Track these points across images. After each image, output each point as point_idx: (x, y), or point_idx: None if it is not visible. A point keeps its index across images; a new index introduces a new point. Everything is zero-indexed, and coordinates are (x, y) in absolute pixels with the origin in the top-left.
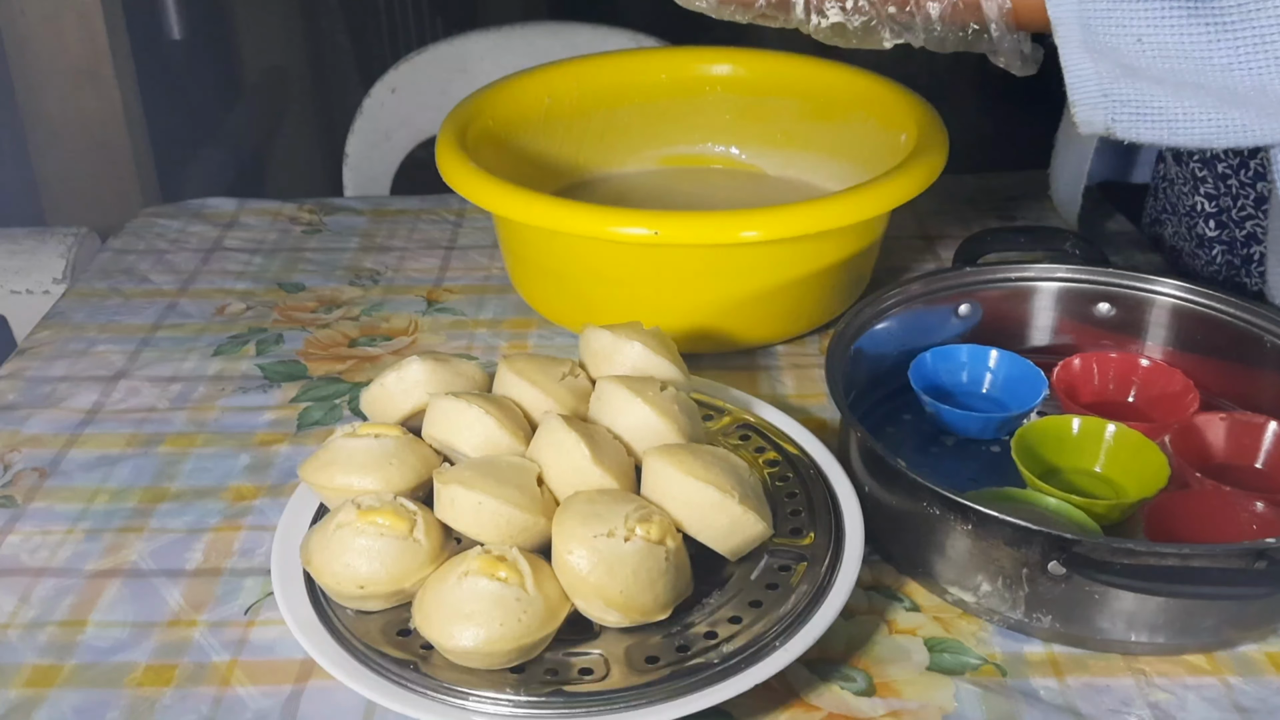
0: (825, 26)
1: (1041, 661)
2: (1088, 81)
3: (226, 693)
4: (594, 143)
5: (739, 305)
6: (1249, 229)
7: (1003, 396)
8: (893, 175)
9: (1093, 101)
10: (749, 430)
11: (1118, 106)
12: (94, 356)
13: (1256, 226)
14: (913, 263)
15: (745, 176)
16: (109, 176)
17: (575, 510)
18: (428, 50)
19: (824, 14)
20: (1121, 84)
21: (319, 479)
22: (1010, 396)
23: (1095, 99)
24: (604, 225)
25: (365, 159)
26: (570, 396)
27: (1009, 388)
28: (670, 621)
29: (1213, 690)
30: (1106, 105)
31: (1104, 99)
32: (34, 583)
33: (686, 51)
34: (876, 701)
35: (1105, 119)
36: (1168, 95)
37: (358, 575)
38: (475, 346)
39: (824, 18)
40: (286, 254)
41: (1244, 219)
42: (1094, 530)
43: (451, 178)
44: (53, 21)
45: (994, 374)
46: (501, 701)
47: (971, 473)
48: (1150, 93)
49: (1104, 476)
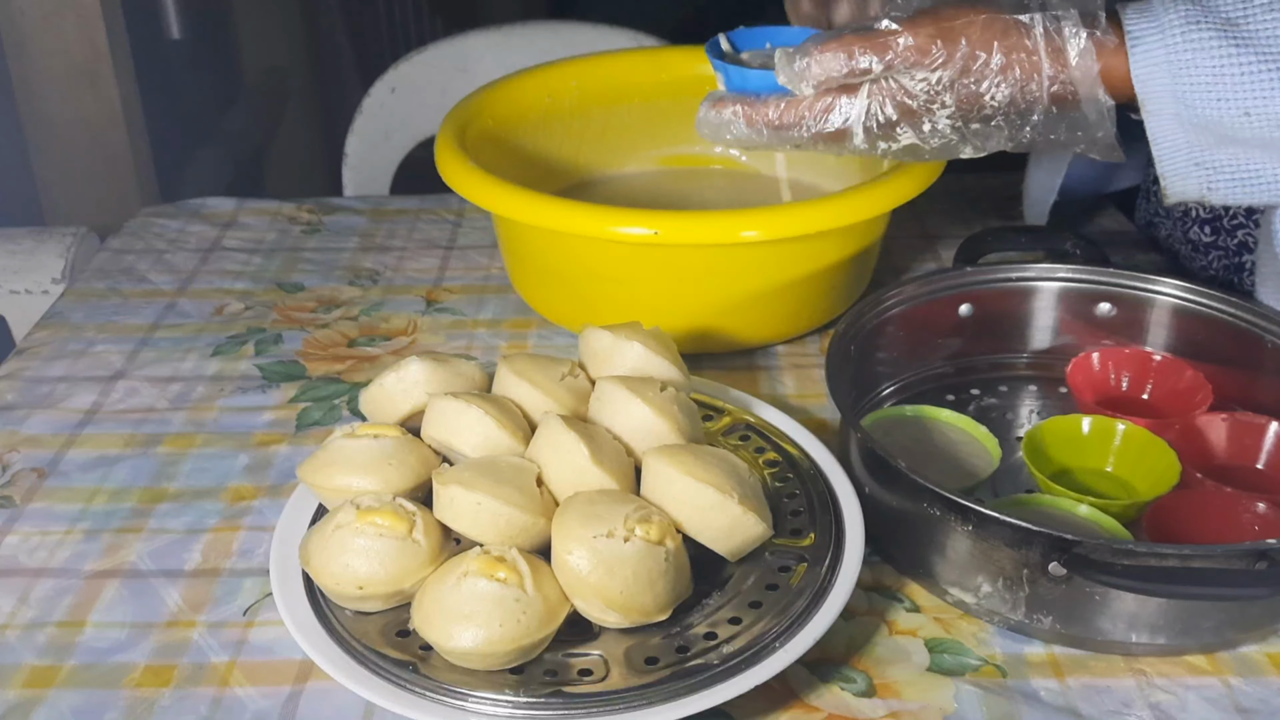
0: (896, 150)
1: (1042, 662)
2: (1178, 153)
3: (225, 693)
4: (594, 143)
5: (739, 305)
6: (1240, 238)
7: None
8: (893, 175)
9: (1183, 171)
10: (749, 430)
11: (1211, 174)
12: (93, 356)
13: (1248, 235)
14: (913, 263)
15: (745, 177)
16: (108, 176)
17: (575, 511)
18: (427, 50)
19: (895, 139)
20: (1216, 152)
21: (318, 479)
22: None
23: (1186, 168)
24: (604, 225)
25: (365, 159)
26: (570, 397)
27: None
28: (670, 622)
29: (1213, 691)
30: (1199, 174)
31: (1196, 168)
32: (33, 583)
33: (686, 51)
34: (877, 702)
35: (1200, 187)
36: (1267, 158)
37: (357, 576)
38: (475, 346)
39: (894, 142)
40: (285, 254)
41: (1235, 228)
42: (1125, 536)
43: (451, 177)
44: (52, 21)
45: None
46: (501, 702)
47: None
48: (1249, 157)
49: (1115, 476)
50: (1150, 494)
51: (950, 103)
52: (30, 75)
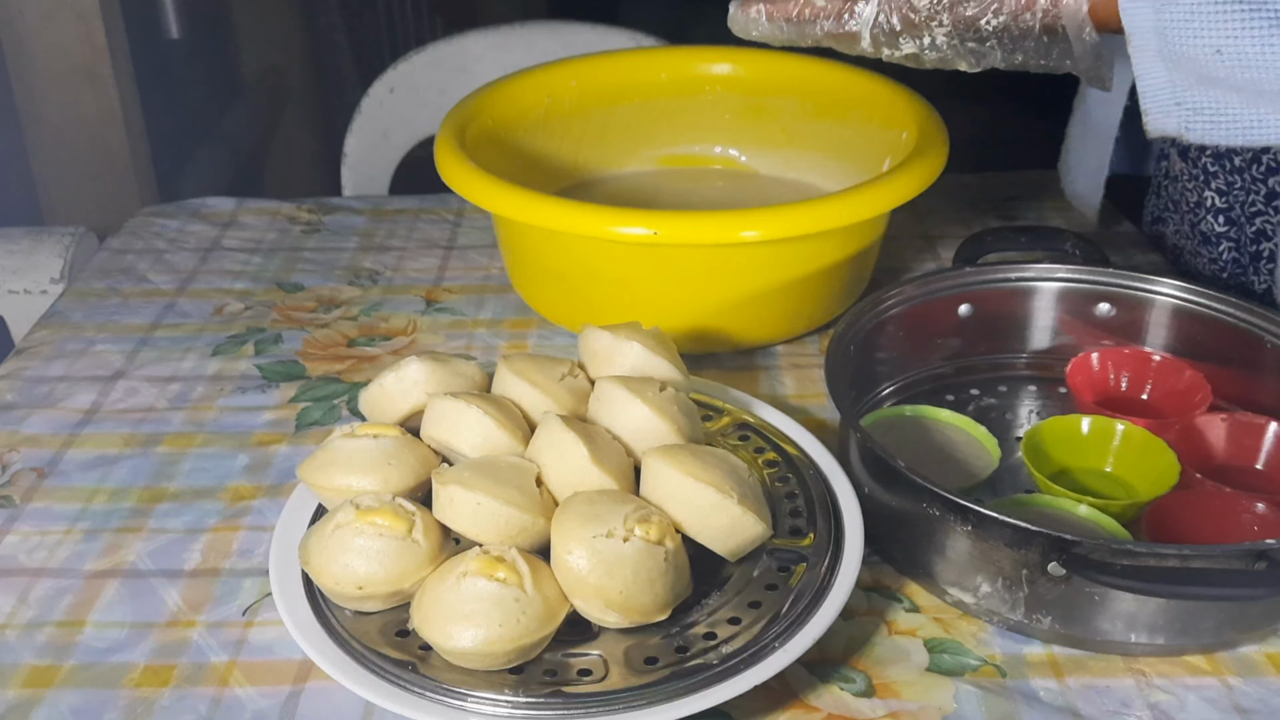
0: (899, 56)
1: (1041, 662)
2: (1160, 90)
3: (225, 693)
4: (593, 142)
5: (739, 305)
6: (1259, 225)
7: None
8: (893, 175)
9: (1165, 109)
10: (748, 430)
11: (1191, 114)
12: (92, 356)
13: (1266, 223)
14: (913, 263)
15: (745, 177)
16: (107, 176)
17: (574, 510)
18: (427, 50)
19: (897, 47)
20: (1196, 92)
21: (317, 479)
22: None
23: (1168, 107)
24: (604, 225)
25: (364, 158)
26: (569, 397)
27: None
28: (669, 622)
29: (1213, 691)
30: (1179, 113)
31: (1177, 107)
32: (32, 583)
33: (686, 51)
34: (876, 702)
35: (1179, 125)
36: (1244, 103)
37: (356, 576)
38: (474, 346)
39: (897, 49)
40: (285, 254)
41: (1254, 215)
42: (1124, 536)
43: (451, 177)
44: (52, 21)
45: None
46: (500, 702)
47: None
48: (1226, 99)
49: (1114, 476)
50: (1150, 494)
51: (947, 22)
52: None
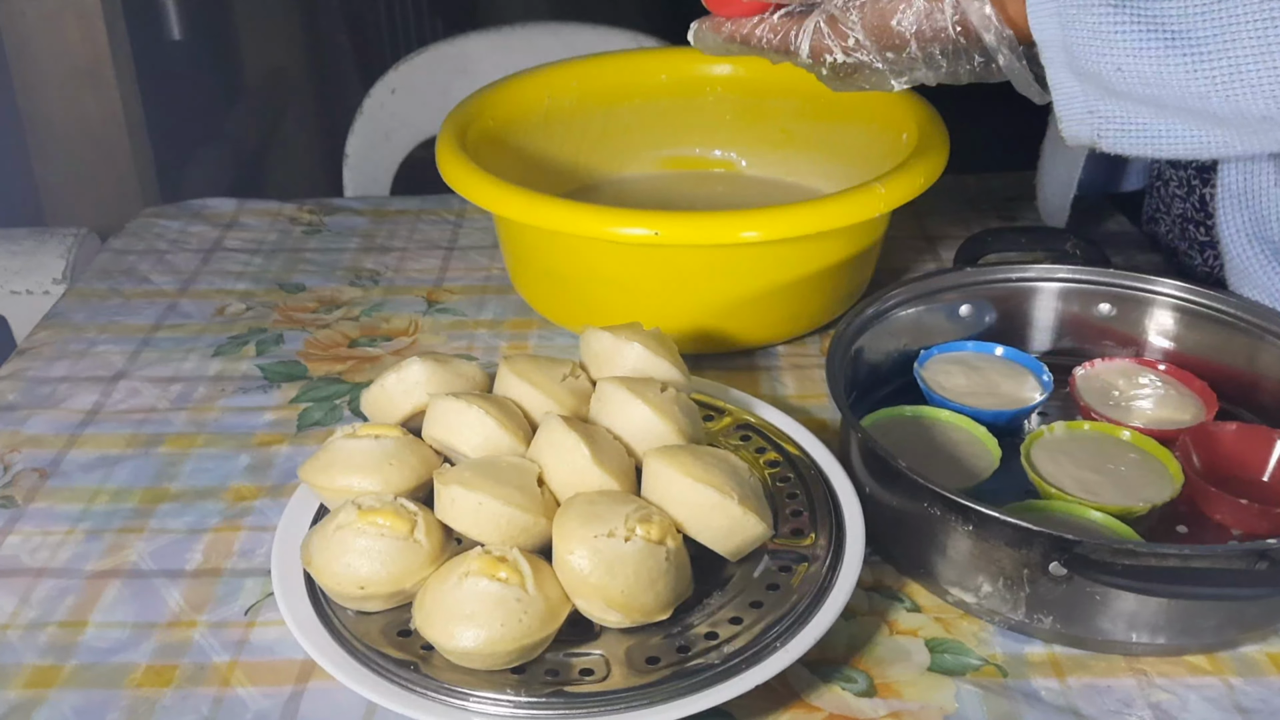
0: (825, 74)
1: (1042, 662)
2: (1074, 100)
3: (227, 693)
4: (594, 143)
5: (739, 306)
6: None
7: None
8: (893, 176)
9: (1079, 118)
10: (749, 431)
11: (1103, 123)
12: (94, 357)
13: None
14: (913, 263)
15: (745, 179)
16: (109, 177)
17: (576, 511)
18: (428, 50)
19: (831, 56)
20: (1107, 103)
21: (319, 480)
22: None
23: (1081, 115)
24: (605, 226)
25: (365, 159)
26: (571, 397)
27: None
28: (671, 622)
29: (1214, 691)
30: (1092, 122)
31: (1089, 115)
32: (34, 583)
33: (686, 51)
34: (877, 702)
35: (1091, 134)
36: (1151, 114)
37: (358, 576)
38: (475, 347)
39: (830, 58)
40: (286, 254)
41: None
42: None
43: (452, 178)
44: (53, 22)
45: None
46: (502, 702)
47: None
48: (1134, 111)
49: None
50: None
51: (856, 20)
52: (31, 76)
